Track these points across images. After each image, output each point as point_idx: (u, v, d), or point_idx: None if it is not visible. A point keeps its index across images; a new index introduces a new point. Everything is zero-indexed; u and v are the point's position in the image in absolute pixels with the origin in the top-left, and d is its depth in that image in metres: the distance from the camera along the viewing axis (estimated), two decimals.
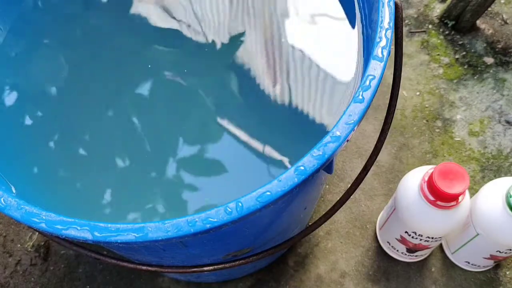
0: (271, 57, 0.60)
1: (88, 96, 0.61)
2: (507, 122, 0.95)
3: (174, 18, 0.64)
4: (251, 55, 0.61)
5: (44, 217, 0.39)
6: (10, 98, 0.60)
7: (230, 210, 0.37)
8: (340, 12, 0.61)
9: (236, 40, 0.61)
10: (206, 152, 0.56)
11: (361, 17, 0.58)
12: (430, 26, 1.05)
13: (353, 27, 0.59)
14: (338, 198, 0.58)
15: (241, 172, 0.56)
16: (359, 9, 0.58)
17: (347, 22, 0.60)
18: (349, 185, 0.57)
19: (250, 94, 0.59)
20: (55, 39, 0.64)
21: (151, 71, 0.61)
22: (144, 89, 0.60)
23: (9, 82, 0.61)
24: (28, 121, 0.58)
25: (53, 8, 0.66)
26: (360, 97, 0.41)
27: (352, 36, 0.59)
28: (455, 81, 0.99)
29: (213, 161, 0.55)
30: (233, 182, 0.54)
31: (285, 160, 0.54)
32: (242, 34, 0.62)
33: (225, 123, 0.57)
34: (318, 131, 0.56)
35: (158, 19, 0.64)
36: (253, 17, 0.63)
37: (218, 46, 0.62)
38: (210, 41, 0.62)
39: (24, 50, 0.63)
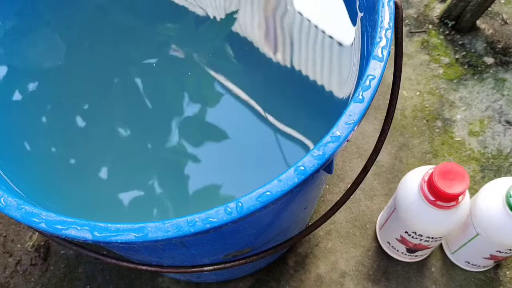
0: (272, 25, 0.61)
1: (90, 74, 0.61)
2: (507, 122, 0.95)
3: None
4: (250, 23, 0.61)
5: (44, 217, 0.39)
6: (3, 80, 0.60)
7: (230, 210, 0.37)
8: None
9: (233, 13, 0.62)
10: (207, 117, 0.57)
11: (362, 17, 0.58)
12: (430, 26, 1.05)
13: (354, 25, 0.59)
14: (338, 198, 0.58)
15: (244, 136, 0.57)
16: (359, 8, 0.58)
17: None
18: (349, 185, 0.57)
19: (251, 61, 0.60)
20: (54, 18, 0.64)
21: (151, 46, 0.61)
22: (146, 64, 0.61)
23: (6, 62, 0.61)
24: (27, 112, 0.59)
25: None
26: (360, 97, 0.41)
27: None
28: (455, 81, 0.99)
29: (214, 125, 0.57)
30: (235, 147, 0.56)
31: (289, 126, 0.56)
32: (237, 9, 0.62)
33: (226, 87, 0.58)
34: (321, 96, 0.57)
35: None
36: None
37: (218, 18, 0.62)
38: (210, 14, 0.62)
39: (21, 28, 0.63)
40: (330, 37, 0.60)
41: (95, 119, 0.58)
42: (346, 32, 0.58)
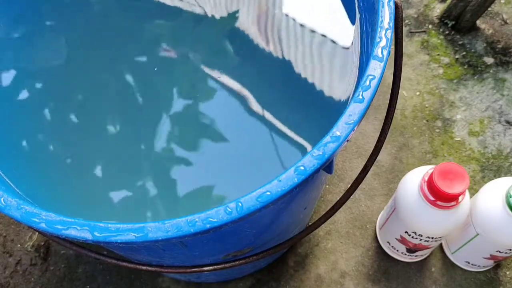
0: (263, 25, 0.62)
1: (89, 73, 0.61)
2: (507, 122, 0.95)
3: None
4: (246, 24, 0.62)
5: (44, 217, 0.39)
6: (9, 82, 0.60)
7: (230, 210, 0.37)
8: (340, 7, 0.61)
9: (232, 14, 0.62)
10: (200, 110, 0.58)
11: (361, 17, 0.58)
12: (430, 26, 1.05)
13: (353, 25, 0.59)
14: (338, 198, 0.58)
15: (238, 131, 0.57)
16: (359, 9, 0.58)
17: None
18: (349, 185, 0.57)
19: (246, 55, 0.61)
20: (55, 21, 0.65)
21: (149, 45, 0.62)
22: (143, 63, 0.61)
23: (10, 64, 0.61)
24: (27, 110, 0.59)
25: None
26: (360, 97, 0.41)
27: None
28: (455, 81, 0.99)
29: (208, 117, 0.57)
30: (229, 146, 0.56)
31: (284, 126, 0.56)
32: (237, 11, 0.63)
33: (221, 82, 0.59)
34: (317, 96, 0.58)
35: None
36: None
37: (216, 17, 0.63)
38: (207, 14, 0.63)
39: (23, 32, 0.63)
40: (327, 37, 0.60)
41: (90, 119, 0.58)
42: (345, 33, 0.58)
